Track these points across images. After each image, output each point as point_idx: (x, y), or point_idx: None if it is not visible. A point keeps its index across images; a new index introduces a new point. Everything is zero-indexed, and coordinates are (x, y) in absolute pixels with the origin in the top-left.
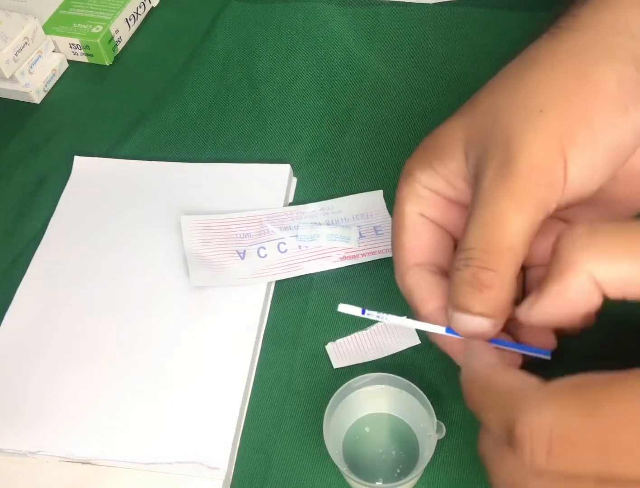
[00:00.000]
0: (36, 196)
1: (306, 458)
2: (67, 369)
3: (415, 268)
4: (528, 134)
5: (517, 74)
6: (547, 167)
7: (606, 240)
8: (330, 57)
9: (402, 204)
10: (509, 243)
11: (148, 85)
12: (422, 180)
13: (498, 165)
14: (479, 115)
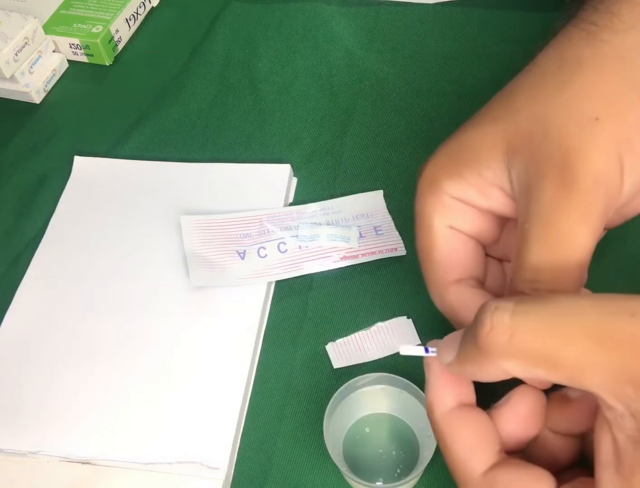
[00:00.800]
0: (36, 196)
1: (306, 458)
2: (67, 369)
3: (455, 286)
4: (587, 144)
5: (561, 77)
6: (608, 179)
7: (523, 345)
8: (330, 57)
9: (430, 217)
10: (580, 260)
11: (148, 85)
12: (450, 190)
13: (558, 179)
14: (522, 122)
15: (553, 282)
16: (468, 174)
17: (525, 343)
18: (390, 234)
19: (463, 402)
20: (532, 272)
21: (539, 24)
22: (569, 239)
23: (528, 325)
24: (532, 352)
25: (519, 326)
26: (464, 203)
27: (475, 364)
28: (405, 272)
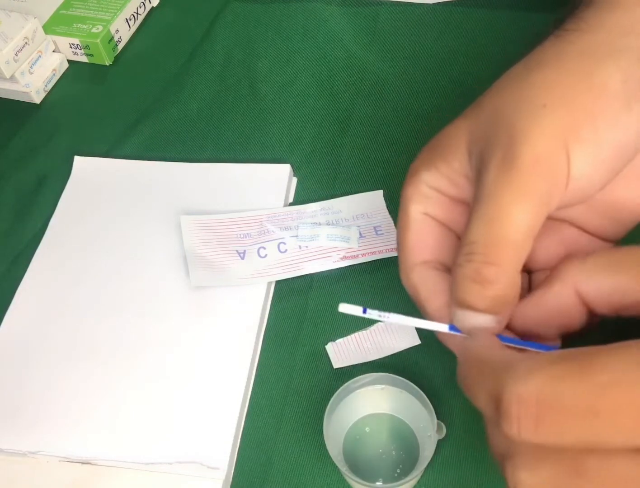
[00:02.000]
0: (36, 196)
1: (306, 458)
2: (67, 369)
3: (420, 266)
4: (531, 128)
5: (521, 74)
6: (550, 161)
7: (595, 262)
8: (330, 57)
9: (407, 204)
10: (513, 237)
11: (148, 85)
12: (426, 180)
13: (501, 159)
14: (483, 116)
15: (486, 256)
16: (440, 164)
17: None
18: (390, 234)
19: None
20: (469, 246)
21: (539, 24)
22: (504, 215)
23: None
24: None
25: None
26: (438, 192)
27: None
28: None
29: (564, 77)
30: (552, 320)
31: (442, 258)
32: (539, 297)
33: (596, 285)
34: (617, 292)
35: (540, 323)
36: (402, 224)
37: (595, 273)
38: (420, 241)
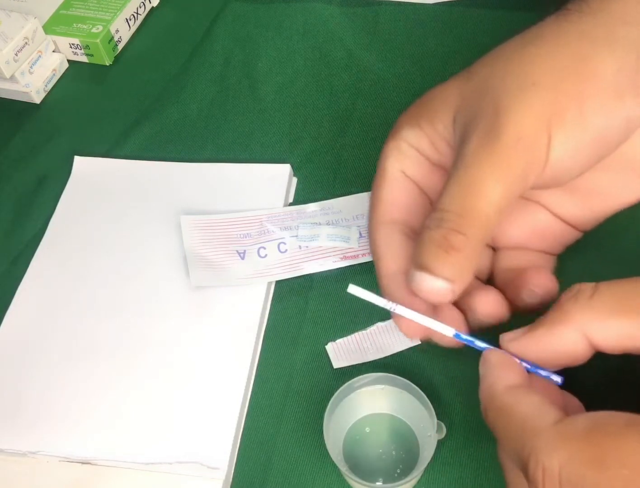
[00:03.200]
0: (36, 196)
1: (306, 458)
2: (67, 369)
3: (388, 225)
4: (518, 105)
5: (517, 46)
6: (531, 141)
7: (604, 302)
8: (330, 57)
9: (385, 160)
10: (485, 209)
11: (148, 85)
12: (408, 138)
13: (484, 132)
14: (472, 83)
15: (456, 224)
16: (424, 124)
17: (606, 300)
18: None
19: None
20: (440, 212)
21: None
22: (479, 187)
23: (610, 290)
24: (611, 306)
25: (602, 288)
26: (419, 153)
27: (549, 329)
28: None
29: (557, 58)
30: (557, 360)
31: (412, 221)
32: (544, 338)
33: (605, 330)
34: (628, 337)
35: (544, 362)
36: (377, 179)
37: (603, 316)
38: (392, 199)
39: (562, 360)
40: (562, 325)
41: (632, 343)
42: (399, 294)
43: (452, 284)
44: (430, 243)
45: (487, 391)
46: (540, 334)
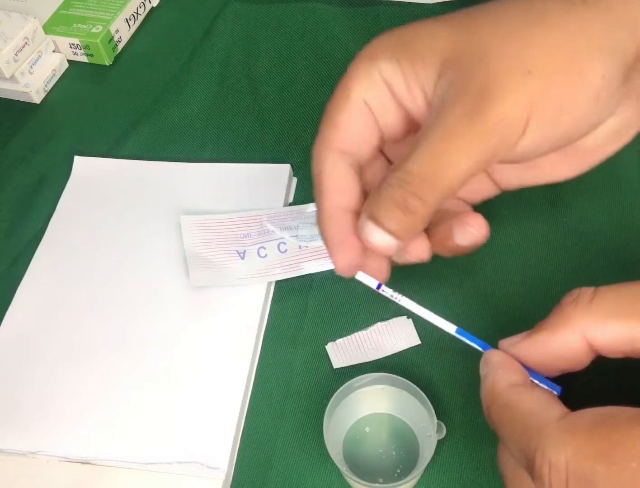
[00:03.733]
0: (36, 196)
1: (306, 458)
2: (67, 369)
3: (337, 154)
4: (509, 91)
5: (519, 23)
6: (510, 125)
7: (604, 306)
8: (330, 57)
9: (351, 83)
10: (449, 182)
11: (148, 85)
12: (383, 69)
13: (469, 105)
14: (468, 43)
15: (418, 190)
16: (405, 63)
17: (606, 304)
18: None
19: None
20: (404, 173)
21: None
22: (450, 159)
23: (610, 294)
24: (612, 310)
25: (602, 292)
26: (388, 87)
27: (550, 333)
28: (405, 272)
29: (555, 50)
30: (557, 364)
31: (361, 155)
32: (545, 342)
33: (606, 334)
34: (629, 341)
35: (545, 366)
36: (337, 101)
37: (604, 320)
38: (348, 127)
39: (562, 365)
40: (563, 329)
41: (634, 346)
42: (339, 234)
43: (399, 241)
44: (389, 199)
45: (489, 390)
46: (541, 338)
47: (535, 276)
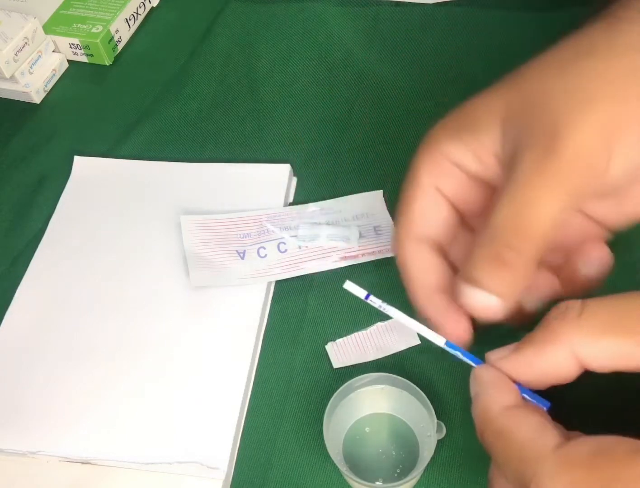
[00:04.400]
0: (36, 196)
1: (306, 458)
2: (67, 369)
3: (418, 241)
4: (577, 122)
5: (572, 58)
6: (591, 159)
7: (594, 321)
8: (330, 57)
9: (420, 173)
10: (540, 229)
11: (148, 85)
12: (446, 151)
13: (542, 149)
14: (523, 94)
15: (510, 241)
16: (467, 137)
17: (595, 318)
18: (390, 234)
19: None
20: (492, 229)
21: (539, 24)
22: (536, 204)
23: (598, 308)
24: (600, 325)
25: (590, 306)
26: (456, 167)
27: (538, 348)
28: None
29: (614, 72)
30: (546, 379)
31: (441, 239)
32: (532, 357)
33: (595, 350)
34: (619, 358)
35: (533, 381)
36: (409, 193)
37: (593, 336)
38: (424, 216)
39: (551, 380)
40: (551, 345)
41: (623, 362)
42: (440, 315)
43: (503, 300)
44: (483, 259)
45: (482, 413)
46: (528, 354)
47: None
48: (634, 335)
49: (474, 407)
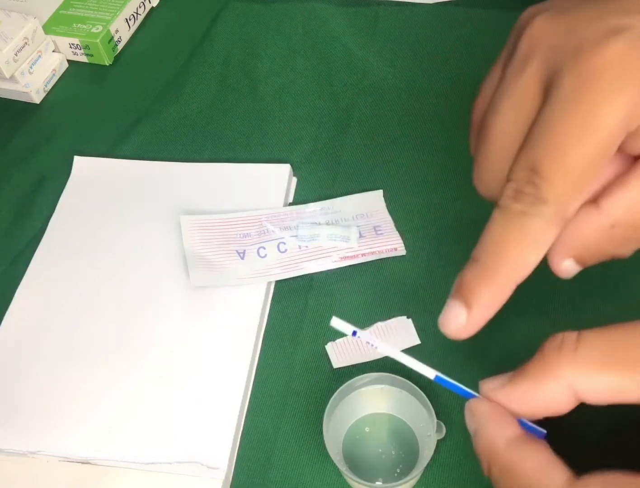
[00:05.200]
0: (36, 196)
1: (306, 458)
2: (66, 369)
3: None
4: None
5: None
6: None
7: (590, 355)
8: (330, 57)
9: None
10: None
11: (148, 85)
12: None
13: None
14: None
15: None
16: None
17: (592, 352)
18: (390, 234)
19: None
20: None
21: None
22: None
23: (595, 340)
24: (598, 358)
25: (586, 339)
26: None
27: (534, 381)
28: (405, 272)
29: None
30: (541, 412)
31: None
32: (528, 390)
33: (592, 384)
34: (615, 391)
35: (527, 412)
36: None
37: (590, 370)
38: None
39: (545, 412)
40: (547, 379)
41: (619, 396)
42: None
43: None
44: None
45: (486, 449)
46: (524, 386)
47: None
48: (630, 370)
49: (477, 443)
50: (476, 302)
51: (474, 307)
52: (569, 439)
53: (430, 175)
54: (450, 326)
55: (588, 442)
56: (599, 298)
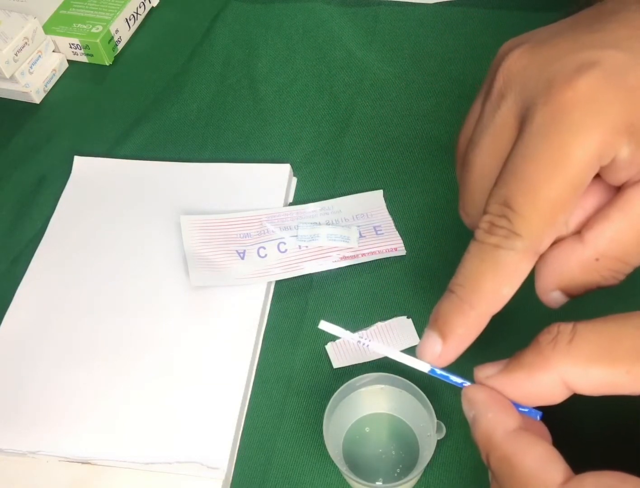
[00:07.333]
0: (36, 196)
1: (306, 458)
2: (66, 369)
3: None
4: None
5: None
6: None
7: (584, 348)
8: (330, 57)
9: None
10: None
11: (148, 85)
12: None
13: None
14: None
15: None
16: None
17: (585, 345)
18: (390, 234)
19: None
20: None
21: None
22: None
23: (589, 333)
24: (591, 351)
25: (581, 332)
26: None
27: (528, 372)
28: (405, 272)
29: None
30: (533, 401)
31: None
32: (522, 381)
33: (586, 378)
34: (609, 385)
35: (520, 401)
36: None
37: (584, 364)
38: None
39: (538, 401)
40: (541, 371)
41: (612, 389)
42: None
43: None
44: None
45: (485, 438)
46: (518, 376)
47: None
48: (623, 363)
49: (475, 431)
50: (451, 334)
51: (449, 338)
52: (563, 425)
53: (430, 175)
54: (426, 356)
55: (583, 428)
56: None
